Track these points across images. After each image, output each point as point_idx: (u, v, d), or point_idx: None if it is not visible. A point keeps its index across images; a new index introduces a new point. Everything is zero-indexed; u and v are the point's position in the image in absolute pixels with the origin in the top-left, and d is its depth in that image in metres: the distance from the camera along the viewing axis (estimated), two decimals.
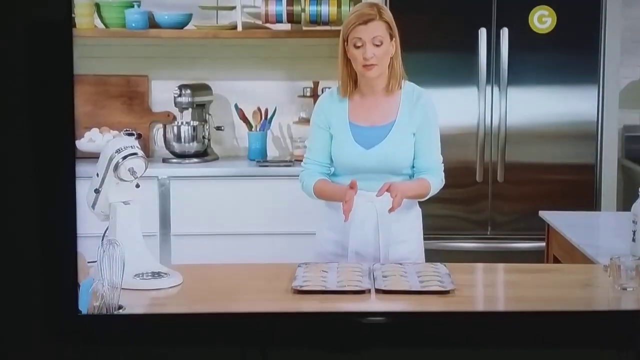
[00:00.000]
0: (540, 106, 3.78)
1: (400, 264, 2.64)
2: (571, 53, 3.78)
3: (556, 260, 3.12)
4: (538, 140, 3.79)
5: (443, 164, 2.76)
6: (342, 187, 2.67)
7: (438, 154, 2.74)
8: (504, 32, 3.74)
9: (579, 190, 3.82)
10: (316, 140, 2.77)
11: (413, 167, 2.74)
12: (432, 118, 2.72)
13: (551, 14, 3.75)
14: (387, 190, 2.60)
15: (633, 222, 2.65)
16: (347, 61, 2.68)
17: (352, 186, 2.61)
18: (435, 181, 2.72)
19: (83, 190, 2.46)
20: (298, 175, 2.81)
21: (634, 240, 2.66)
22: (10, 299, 3.04)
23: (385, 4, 3.59)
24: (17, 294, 3.03)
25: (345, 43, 2.67)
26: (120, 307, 2.26)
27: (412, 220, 2.79)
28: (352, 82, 2.71)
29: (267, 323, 2.73)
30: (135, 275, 2.41)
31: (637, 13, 4.17)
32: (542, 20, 3.75)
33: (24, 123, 3.16)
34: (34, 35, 2.85)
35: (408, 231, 2.76)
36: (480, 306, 2.56)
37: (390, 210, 2.62)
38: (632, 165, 4.11)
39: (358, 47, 2.63)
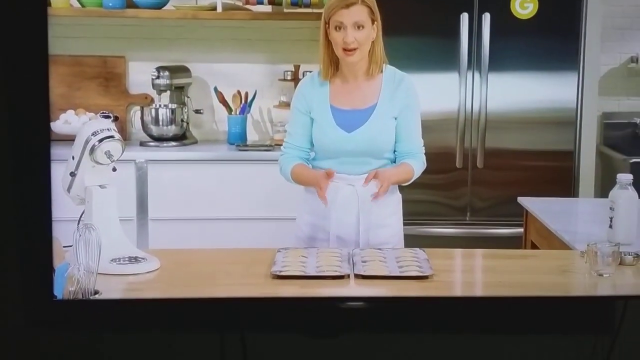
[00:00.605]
0: (521, 92, 3.79)
1: (380, 249, 2.64)
2: (552, 39, 3.78)
3: (534, 246, 3.14)
4: (518, 127, 3.80)
5: (424, 148, 2.76)
6: (318, 173, 2.67)
7: (419, 137, 2.74)
8: (486, 18, 3.74)
9: (558, 177, 3.84)
10: (296, 125, 2.76)
11: (395, 151, 2.73)
12: (414, 102, 2.71)
13: (533, 0, 3.74)
14: (374, 178, 2.61)
15: (610, 208, 2.66)
16: (329, 44, 2.66)
17: (329, 175, 2.62)
18: (418, 165, 2.73)
19: (58, 174, 2.43)
20: (278, 160, 2.80)
21: (611, 226, 2.68)
22: None
23: None
24: None
25: (327, 26, 2.65)
26: (96, 292, 2.23)
27: (393, 205, 2.80)
28: (333, 65, 2.70)
29: (246, 308, 2.72)
30: (112, 260, 2.39)
31: (618, 1, 4.18)
32: (524, 6, 3.76)
33: None
34: (7, 14, 2.80)
35: (388, 215, 2.77)
36: (458, 291, 2.58)
37: (375, 196, 2.63)
38: (610, 152, 4.13)
39: (339, 31, 2.62)
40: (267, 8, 4.06)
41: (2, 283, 2.96)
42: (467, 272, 2.74)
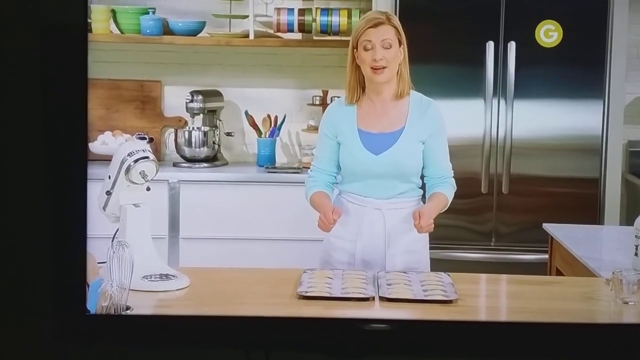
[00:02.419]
0: (546, 119, 3.78)
1: (405, 272, 2.63)
2: (577, 68, 3.77)
3: (559, 273, 3.10)
4: (543, 153, 3.78)
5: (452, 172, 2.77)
6: (328, 205, 2.67)
7: (448, 161, 2.74)
8: (511, 46, 3.73)
9: (583, 204, 3.80)
10: (323, 149, 2.76)
11: (425, 176, 2.73)
12: (442, 127, 2.72)
13: (557, 29, 3.74)
14: (418, 218, 2.62)
15: (636, 236, 2.64)
16: (356, 68, 2.68)
17: (335, 212, 2.63)
18: (449, 191, 2.73)
19: (95, 192, 2.46)
20: (305, 182, 2.81)
21: (636, 254, 2.65)
22: (20, 298, 3.04)
23: (394, 15, 3.58)
24: (27, 293, 3.03)
25: (355, 49, 2.66)
26: (128, 308, 2.26)
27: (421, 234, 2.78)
28: (359, 88, 2.71)
29: (271, 327, 2.72)
30: (144, 277, 2.41)
31: None
32: (549, 34, 3.75)
33: (38, 125, 3.16)
34: (50, 39, 2.86)
35: (416, 241, 2.74)
36: (482, 316, 2.55)
37: (420, 231, 2.66)
38: (636, 180, 4.10)
39: (368, 50, 2.63)
40: (297, 35, 4.10)
41: (36, 297, 3.00)
42: (491, 297, 2.72)
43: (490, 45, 3.73)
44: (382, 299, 2.41)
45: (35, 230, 3.05)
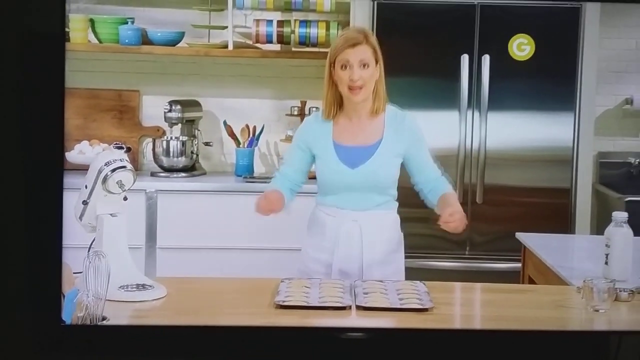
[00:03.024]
0: (519, 131, 3.78)
1: (381, 281, 2.61)
2: (549, 80, 3.78)
3: (531, 281, 3.11)
4: (516, 164, 3.79)
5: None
6: (273, 198, 2.67)
7: (434, 164, 2.76)
8: (486, 59, 3.74)
9: (555, 213, 3.82)
10: (292, 157, 2.75)
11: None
12: (420, 136, 2.72)
13: (530, 43, 3.76)
14: (454, 218, 2.65)
15: (606, 245, 2.65)
16: (333, 84, 2.64)
17: (271, 205, 2.65)
18: (450, 186, 2.76)
19: (71, 202, 2.42)
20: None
21: (606, 263, 2.66)
22: None
23: (372, 30, 3.57)
24: (2, 304, 2.96)
25: (332, 66, 2.63)
26: (104, 318, 2.21)
27: (396, 243, 2.77)
28: (336, 104, 2.67)
29: (249, 337, 2.68)
30: (120, 287, 2.37)
31: (613, 44, 4.19)
32: (521, 48, 3.76)
33: (14, 133, 3.10)
34: (28, 47, 2.80)
35: (392, 252, 2.74)
36: (457, 324, 2.55)
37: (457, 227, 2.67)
38: (605, 191, 4.11)
39: (345, 69, 2.60)
40: (275, 47, 4.08)
41: (12, 308, 2.93)
42: (466, 306, 2.71)
43: (465, 58, 3.73)
44: (358, 307, 2.40)
45: (11, 239, 2.98)
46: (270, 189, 2.71)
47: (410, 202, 2.79)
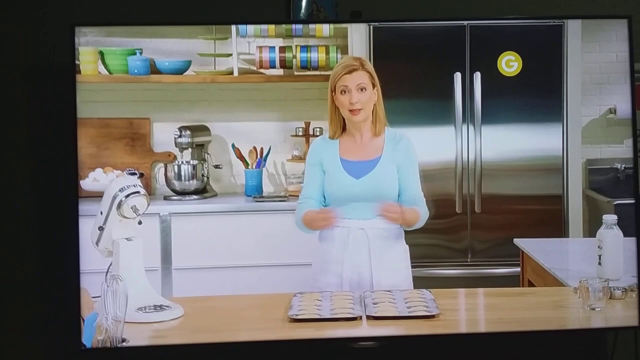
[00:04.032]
0: (512, 143, 3.71)
1: (389, 291, 2.59)
2: (537, 94, 3.72)
3: (531, 284, 3.05)
4: (511, 174, 3.71)
5: (425, 199, 2.80)
6: (323, 209, 2.69)
7: (419, 189, 2.78)
8: (477, 76, 3.70)
9: (549, 219, 3.74)
10: (310, 178, 2.83)
11: (401, 200, 2.75)
12: (411, 158, 2.77)
13: (517, 59, 3.72)
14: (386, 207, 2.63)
15: (598, 247, 2.66)
16: (336, 108, 2.74)
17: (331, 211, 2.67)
18: (423, 211, 2.75)
19: (87, 228, 2.35)
20: (293, 210, 2.83)
21: (599, 263, 2.67)
22: (16, 334, 2.88)
23: (369, 55, 3.56)
24: (23, 329, 2.87)
25: (333, 92, 2.72)
26: (123, 340, 2.13)
27: (402, 253, 2.84)
28: (340, 126, 2.76)
29: (265, 351, 2.60)
30: (138, 309, 2.29)
31: (595, 58, 4.15)
32: (510, 64, 3.73)
33: (29, 163, 3.02)
34: (40, 81, 2.72)
35: (399, 261, 2.78)
36: (463, 328, 2.52)
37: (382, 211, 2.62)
38: (595, 195, 4.06)
39: (344, 94, 2.69)
40: (279, 71, 4.04)
41: (33, 333, 2.83)
42: (470, 310, 2.70)
43: (457, 77, 3.69)
44: (369, 317, 2.39)
45: (30, 267, 2.90)
46: (305, 214, 2.74)
47: None
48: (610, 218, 2.66)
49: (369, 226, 2.68)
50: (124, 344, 2.14)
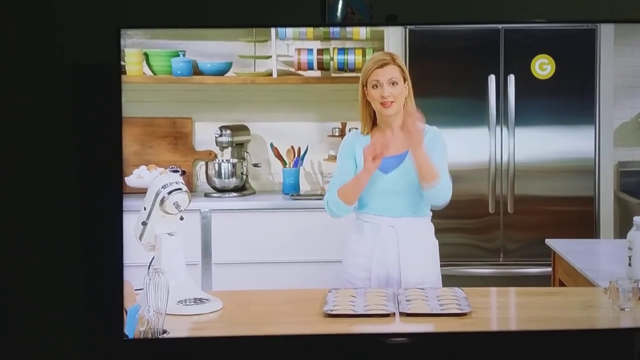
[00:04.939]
0: (544, 144, 3.66)
1: (422, 288, 2.57)
2: (570, 97, 3.67)
3: (561, 284, 3.01)
4: (543, 175, 3.66)
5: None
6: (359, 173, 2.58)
7: (446, 172, 2.69)
8: (511, 79, 3.65)
9: (581, 220, 3.68)
10: (341, 167, 2.82)
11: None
12: (439, 144, 2.70)
13: (550, 62, 3.66)
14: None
15: (629, 248, 2.63)
16: (367, 103, 2.71)
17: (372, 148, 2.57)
18: (445, 183, 2.64)
19: (131, 223, 2.37)
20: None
21: (630, 264, 2.63)
22: (60, 324, 2.92)
23: (405, 57, 3.55)
24: (67, 320, 2.90)
25: (365, 87, 2.69)
26: (164, 332, 2.14)
27: (431, 248, 2.79)
28: (370, 121, 2.73)
29: (300, 344, 2.59)
30: (179, 302, 2.30)
31: (628, 62, 4.09)
32: (543, 67, 3.68)
33: (77, 161, 3.05)
34: (87, 82, 2.74)
35: (427, 256, 2.74)
36: (494, 326, 2.50)
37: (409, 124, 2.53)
38: (626, 197, 3.99)
39: (376, 88, 2.65)
40: (316, 73, 4.04)
41: (77, 324, 2.86)
42: (501, 309, 2.67)
43: (492, 79, 3.65)
44: (402, 314, 2.37)
45: (76, 260, 2.93)
46: (339, 189, 2.66)
47: (446, 213, 2.77)
48: None
49: (400, 224, 2.65)
50: (165, 335, 2.15)
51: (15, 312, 3.05)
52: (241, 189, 4.11)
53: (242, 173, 4.09)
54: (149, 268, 2.27)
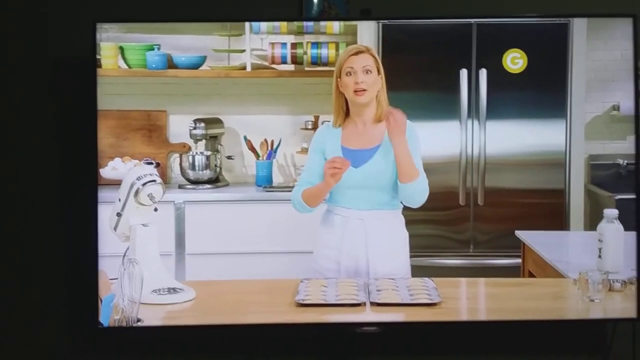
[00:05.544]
0: (516, 138, 3.74)
1: (393, 279, 2.61)
2: (541, 91, 3.74)
3: (531, 275, 3.09)
4: (514, 168, 3.74)
5: (429, 191, 2.76)
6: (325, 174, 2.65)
7: (421, 167, 2.75)
8: (482, 73, 3.71)
9: (551, 212, 3.75)
10: (310, 163, 2.82)
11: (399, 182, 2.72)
12: (412, 139, 2.74)
13: (522, 56, 3.72)
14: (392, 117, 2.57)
15: (599, 240, 2.66)
16: (340, 94, 2.76)
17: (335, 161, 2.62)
18: (423, 179, 2.70)
19: (106, 214, 2.42)
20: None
21: (599, 256, 2.67)
22: (37, 313, 2.97)
23: (378, 49, 3.58)
24: (43, 308, 2.95)
25: (338, 78, 2.69)
26: (138, 320, 2.20)
27: (400, 241, 2.80)
28: (343, 113, 2.77)
29: (272, 333, 2.66)
30: (153, 291, 2.36)
31: (600, 56, 4.15)
32: (515, 61, 3.74)
33: (52, 154, 3.10)
34: (62, 75, 2.79)
35: (396, 249, 2.77)
36: (464, 316, 2.54)
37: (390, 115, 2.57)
38: (597, 190, 4.07)
39: (350, 75, 2.68)
40: (290, 67, 4.07)
41: (52, 312, 2.92)
42: (471, 299, 2.71)
43: (463, 73, 3.71)
44: (372, 304, 2.41)
45: (52, 250, 2.98)
46: (304, 191, 2.74)
47: None
48: (611, 212, 2.67)
49: (368, 217, 2.68)
50: (139, 323, 2.20)
51: None
52: (215, 181, 4.13)
53: (215, 165, 4.13)
54: (123, 258, 2.32)
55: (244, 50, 4.05)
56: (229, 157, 4.25)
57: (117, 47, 4.05)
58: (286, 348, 2.84)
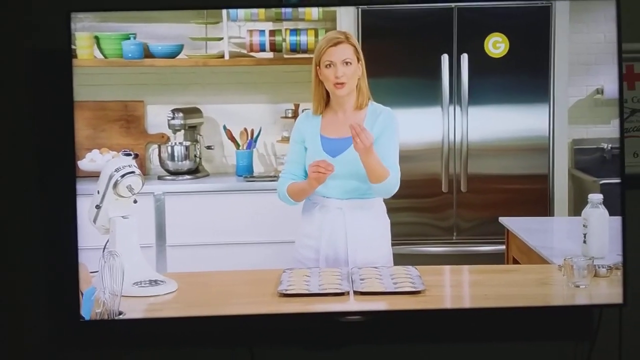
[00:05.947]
0: (498, 123, 3.77)
1: (376, 267, 2.64)
2: (524, 75, 3.77)
3: (515, 262, 3.12)
4: (497, 154, 3.77)
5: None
6: (310, 174, 2.67)
7: (395, 161, 2.75)
8: (464, 58, 3.73)
9: (534, 198, 3.79)
10: (292, 154, 2.82)
11: None
12: (391, 128, 2.76)
13: (504, 41, 3.75)
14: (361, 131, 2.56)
15: (583, 225, 2.68)
16: (319, 83, 2.76)
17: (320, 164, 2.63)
18: (393, 178, 2.70)
19: (85, 207, 2.43)
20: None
21: (584, 242, 2.68)
22: (17, 307, 2.98)
23: (357, 36, 3.58)
24: (23, 303, 2.97)
25: (318, 67, 2.70)
26: (120, 313, 2.23)
27: (381, 229, 2.82)
28: (323, 101, 2.79)
29: (255, 324, 2.69)
30: (134, 283, 2.39)
31: (583, 39, 4.18)
32: (497, 46, 3.76)
33: (29, 145, 3.10)
34: (37, 66, 2.79)
35: (376, 238, 2.79)
36: (448, 304, 2.58)
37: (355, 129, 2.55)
38: (581, 175, 4.11)
39: (329, 68, 2.67)
40: (269, 54, 4.08)
41: (34, 306, 2.93)
42: (455, 287, 2.74)
43: (445, 58, 3.72)
44: (356, 293, 2.43)
45: (30, 244, 2.99)
46: (289, 186, 2.73)
47: (400, 193, 2.83)
48: (595, 197, 2.69)
49: (347, 206, 2.71)
50: (121, 316, 2.22)
51: None
52: (194, 171, 4.14)
53: (195, 155, 4.14)
54: (103, 251, 2.34)
55: (221, 38, 4.04)
56: (209, 147, 4.26)
57: (92, 36, 4.03)
58: (270, 338, 2.87)
